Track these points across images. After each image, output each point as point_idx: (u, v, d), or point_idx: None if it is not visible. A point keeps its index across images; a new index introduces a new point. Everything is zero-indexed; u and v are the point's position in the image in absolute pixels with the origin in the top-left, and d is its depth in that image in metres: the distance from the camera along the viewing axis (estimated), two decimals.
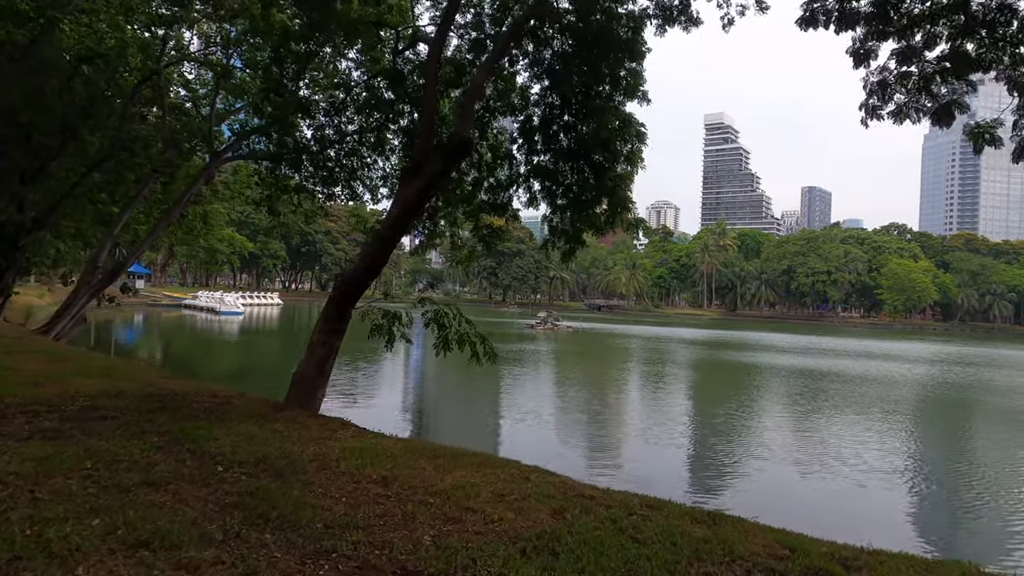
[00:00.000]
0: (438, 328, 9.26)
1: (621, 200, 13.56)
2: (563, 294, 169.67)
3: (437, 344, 9.19)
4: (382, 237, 8.83)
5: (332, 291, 9.08)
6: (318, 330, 8.68)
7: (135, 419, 7.00)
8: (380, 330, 9.50)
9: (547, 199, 15.25)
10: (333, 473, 5.55)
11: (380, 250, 8.91)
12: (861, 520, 12.85)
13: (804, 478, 15.91)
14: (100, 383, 9.36)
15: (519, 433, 18.93)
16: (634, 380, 33.19)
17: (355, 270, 8.96)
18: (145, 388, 9.24)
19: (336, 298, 8.78)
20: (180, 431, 6.46)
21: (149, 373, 11.58)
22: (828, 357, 50.84)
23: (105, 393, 8.51)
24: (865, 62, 13.14)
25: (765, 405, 26.46)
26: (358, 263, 9.01)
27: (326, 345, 8.65)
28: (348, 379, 25.56)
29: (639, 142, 14.14)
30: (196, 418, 7.36)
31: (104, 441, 5.90)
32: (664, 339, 64.53)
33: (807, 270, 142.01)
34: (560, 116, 14.72)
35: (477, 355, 9.14)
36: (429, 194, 8.93)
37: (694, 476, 15.95)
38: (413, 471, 5.81)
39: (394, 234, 8.89)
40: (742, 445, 18.69)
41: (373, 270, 8.98)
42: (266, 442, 6.34)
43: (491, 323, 78.88)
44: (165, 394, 8.83)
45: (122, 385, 9.26)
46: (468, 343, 9.08)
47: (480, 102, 15.28)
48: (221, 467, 5.36)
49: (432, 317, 9.30)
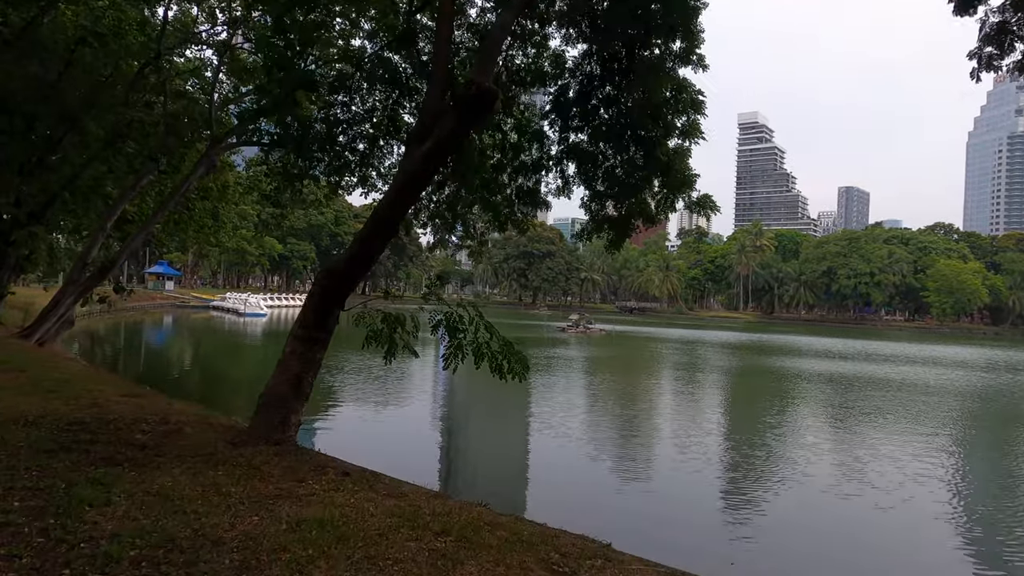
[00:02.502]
0: (449, 334, 7.18)
1: (681, 178, 11.34)
2: (594, 296, 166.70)
3: (448, 355, 7.10)
4: (378, 218, 6.77)
5: (312, 287, 7.03)
6: (292, 338, 6.67)
7: (23, 463, 5.04)
8: (378, 337, 7.45)
9: (584, 184, 13.14)
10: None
11: (374, 234, 6.80)
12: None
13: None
14: (33, 402, 7.51)
15: (556, 470, 14.63)
16: (687, 396, 28.78)
17: (341, 260, 6.87)
18: (83, 411, 7.34)
19: (316, 297, 6.75)
20: (66, 488, 4.47)
21: (110, 388, 9.72)
22: (888, 364, 47.24)
23: (24, 417, 6.61)
24: (971, 8, 10.73)
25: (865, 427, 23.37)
26: (346, 251, 6.91)
27: (302, 358, 6.61)
28: (349, 381, 23.59)
29: (696, 112, 11.94)
30: (114, 460, 5.39)
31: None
32: (705, 343, 61.55)
33: (849, 271, 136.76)
34: (600, 87, 12.58)
35: (500, 369, 7.02)
36: (438, 161, 6.83)
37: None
38: (396, 571, 3.71)
39: (392, 213, 6.81)
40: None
41: (365, 259, 6.92)
42: (182, 509, 4.31)
43: (521, 325, 76.72)
44: (103, 420, 6.91)
45: (56, 406, 7.38)
46: (488, 355, 6.97)
47: (504, 66, 13.30)
48: (68, 571, 3.33)
49: (442, 320, 7.21)
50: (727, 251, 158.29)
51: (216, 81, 17.34)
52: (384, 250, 7.03)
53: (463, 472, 14.69)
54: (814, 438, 19.33)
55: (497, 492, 12.18)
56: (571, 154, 13.03)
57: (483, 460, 16.06)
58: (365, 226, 6.76)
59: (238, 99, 18.05)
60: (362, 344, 7.44)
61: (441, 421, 20.21)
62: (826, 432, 20.74)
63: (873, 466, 16.06)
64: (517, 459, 16.20)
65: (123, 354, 34.31)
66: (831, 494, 13.83)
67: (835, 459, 16.75)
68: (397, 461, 13.57)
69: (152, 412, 7.44)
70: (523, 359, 7.18)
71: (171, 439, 6.27)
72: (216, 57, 17.63)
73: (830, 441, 19.27)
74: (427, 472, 13.12)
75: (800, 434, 19.93)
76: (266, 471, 5.46)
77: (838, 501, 13.45)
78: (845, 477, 15.00)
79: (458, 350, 7.01)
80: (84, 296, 16.92)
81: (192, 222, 24.76)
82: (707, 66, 11.81)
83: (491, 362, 7.01)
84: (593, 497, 12.82)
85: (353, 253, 6.77)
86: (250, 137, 16.90)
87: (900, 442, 19.05)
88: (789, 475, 15.02)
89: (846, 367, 43.27)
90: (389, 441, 16.52)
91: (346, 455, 14.16)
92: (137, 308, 65.21)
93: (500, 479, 14.09)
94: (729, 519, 12.13)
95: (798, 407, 25.76)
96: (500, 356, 7.02)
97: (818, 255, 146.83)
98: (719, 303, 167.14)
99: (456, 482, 13.26)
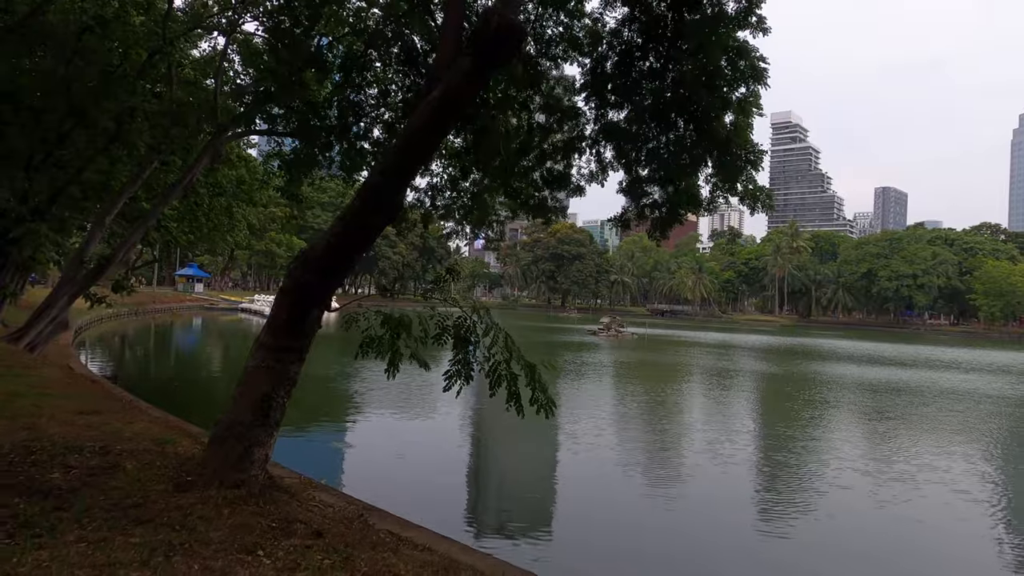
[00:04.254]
0: (456, 345, 5.60)
1: (744, 158, 9.66)
2: (624, 298, 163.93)
3: (451, 374, 5.52)
4: (370, 188, 5.16)
5: (284, 281, 5.45)
6: (258, 347, 5.12)
7: None
8: (376, 346, 5.90)
9: (623, 167, 11.51)
10: None
11: (364, 208, 5.20)
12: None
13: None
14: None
15: (602, 505, 12.16)
16: (740, 408, 26.05)
17: (320, 244, 5.22)
18: (11, 435, 5.91)
19: (289, 294, 5.20)
20: None
21: (72, 403, 8.34)
22: (952, 372, 43.98)
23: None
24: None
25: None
26: (326, 231, 5.27)
27: (271, 374, 5.04)
28: (349, 387, 22.02)
29: (756, 82, 10.23)
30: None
31: None
32: (745, 348, 58.99)
33: (890, 273, 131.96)
34: (643, 57, 10.93)
35: (517, 398, 5.37)
36: (448, 116, 5.23)
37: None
38: None
39: (389, 182, 5.20)
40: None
41: (354, 244, 5.32)
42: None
43: (550, 328, 74.89)
44: (26, 449, 5.48)
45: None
46: (506, 377, 5.35)
47: (533, 36, 11.73)
48: None
49: (450, 328, 5.62)
50: (762, 252, 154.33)
51: (222, 65, 16.07)
52: (381, 229, 5.40)
53: (486, 506, 12.55)
54: (907, 466, 16.10)
55: (533, 537, 10.54)
56: (609, 134, 11.42)
57: (515, 488, 13.80)
58: (354, 199, 5.15)
59: (244, 86, 16.78)
60: (356, 354, 5.91)
61: (455, 436, 18.03)
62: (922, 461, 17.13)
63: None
64: (567, 497, 13.25)
65: (134, 358, 33.41)
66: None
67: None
68: (402, 489, 11.96)
69: (97, 438, 6.02)
70: (548, 395, 5.49)
71: (97, 480, 4.80)
72: (223, 39, 16.38)
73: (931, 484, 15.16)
74: (440, 504, 11.46)
75: (886, 462, 16.65)
76: (203, 534, 3.94)
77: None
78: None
79: (465, 368, 5.45)
80: (79, 295, 15.75)
81: (207, 221, 23.67)
82: (768, 29, 10.15)
83: (508, 386, 5.39)
84: (637, 541, 10.92)
85: (335, 234, 5.15)
86: (257, 124, 15.58)
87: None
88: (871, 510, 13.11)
89: (906, 375, 40.32)
90: (393, 462, 14.59)
91: (337, 477, 12.36)
92: (165, 310, 65.26)
93: (536, 517, 12.09)
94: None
95: (868, 423, 23.27)
96: (525, 381, 5.36)
97: (857, 256, 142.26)
98: (753, 306, 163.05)
99: (481, 520, 11.33)
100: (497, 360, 5.90)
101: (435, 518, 8.13)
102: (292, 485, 7.61)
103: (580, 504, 12.54)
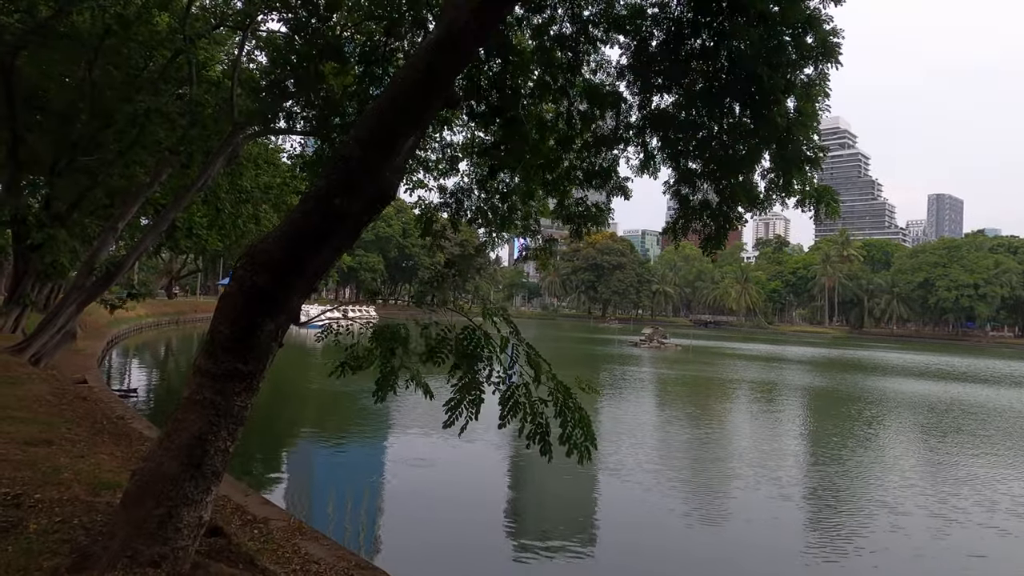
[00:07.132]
0: (459, 363, 4.32)
1: (810, 149, 8.26)
2: (666, 309, 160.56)
3: (453, 404, 4.23)
4: (340, 158, 3.82)
5: (228, 284, 4.15)
6: (194, 373, 3.86)
7: None
8: (363, 364, 4.68)
9: (671, 160, 10.16)
10: None
11: (330, 188, 3.82)
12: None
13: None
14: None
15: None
16: (797, 428, 23.71)
17: (268, 237, 3.91)
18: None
19: (230, 299, 3.89)
20: None
21: (35, 429, 7.34)
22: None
23: None
24: None
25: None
26: (284, 220, 3.94)
27: (207, 410, 3.72)
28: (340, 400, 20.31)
29: (827, 60, 8.75)
30: None
31: None
32: (797, 361, 56.17)
33: (949, 283, 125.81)
34: (693, 34, 9.56)
35: (543, 435, 4.06)
36: (449, 64, 3.94)
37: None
38: None
39: (363, 152, 3.81)
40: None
41: (318, 235, 3.84)
42: None
43: (591, 340, 73.15)
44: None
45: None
46: (524, 405, 4.05)
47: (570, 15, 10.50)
48: None
49: (449, 342, 4.33)
50: (810, 262, 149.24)
51: (239, 61, 15.28)
52: (361, 223, 4.08)
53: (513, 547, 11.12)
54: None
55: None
56: (655, 123, 10.08)
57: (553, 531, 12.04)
58: (319, 176, 3.86)
59: (261, 84, 15.96)
60: (329, 372, 4.71)
61: (479, 458, 15.84)
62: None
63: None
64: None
65: (164, 369, 32.62)
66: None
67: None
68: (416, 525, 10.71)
69: (20, 480, 4.97)
70: (591, 433, 4.16)
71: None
72: (240, 33, 15.59)
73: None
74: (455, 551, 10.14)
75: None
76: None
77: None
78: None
79: (470, 392, 4.16)
80: (88, 304, 15.08)
81: (233, 228, 23.06)
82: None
83: (530, 419, 4.08)
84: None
85: (292, 221, 3.83)
86: (276, 123, 14.70)
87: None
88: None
89: (989, 393, 36.99)
90: (407, 497, 12.77)
91: (340, 514, 10.87)
92: (206, 319, 65.77)
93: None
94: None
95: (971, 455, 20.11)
96: (554, 411, 4.03)
97: (912, 265, 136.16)
98: (800, 317, 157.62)
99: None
100: (515, 383, 4.62)
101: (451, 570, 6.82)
102: (277, 531, 6.42)
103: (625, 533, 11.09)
